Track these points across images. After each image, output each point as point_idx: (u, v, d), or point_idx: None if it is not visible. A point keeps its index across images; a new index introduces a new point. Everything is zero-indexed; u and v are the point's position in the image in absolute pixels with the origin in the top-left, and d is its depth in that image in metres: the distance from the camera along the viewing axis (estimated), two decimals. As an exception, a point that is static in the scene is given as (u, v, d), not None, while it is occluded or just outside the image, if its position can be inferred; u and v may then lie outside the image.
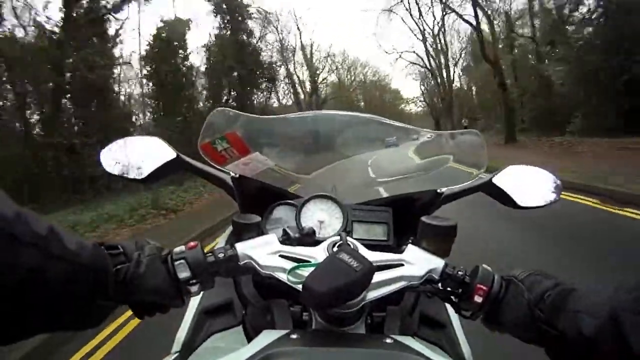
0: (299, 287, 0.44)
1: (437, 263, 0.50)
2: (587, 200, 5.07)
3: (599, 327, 0.36)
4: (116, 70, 14.08)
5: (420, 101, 39.33)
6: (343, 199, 0.73)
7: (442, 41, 29.28)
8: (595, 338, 0.36)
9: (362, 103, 38.03)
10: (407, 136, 0.91)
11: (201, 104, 16.50)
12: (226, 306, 0.67)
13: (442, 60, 30.06)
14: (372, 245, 0.56)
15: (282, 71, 22.59)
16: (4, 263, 0.31)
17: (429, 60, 30.29)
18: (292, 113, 0.81)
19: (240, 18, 17.51)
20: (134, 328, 2.58)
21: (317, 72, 29.15)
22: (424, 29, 28.39)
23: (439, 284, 0.50)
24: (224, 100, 16.58)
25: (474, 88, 32.73)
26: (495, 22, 18.96)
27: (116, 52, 13.49)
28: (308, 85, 28.68)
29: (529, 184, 0.69)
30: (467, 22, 18.80)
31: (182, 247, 0.47)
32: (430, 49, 29.73)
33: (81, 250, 0.38)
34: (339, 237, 0.53)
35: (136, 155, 0.65)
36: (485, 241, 3.70)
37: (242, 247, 0.49)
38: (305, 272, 0.46)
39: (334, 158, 0.95)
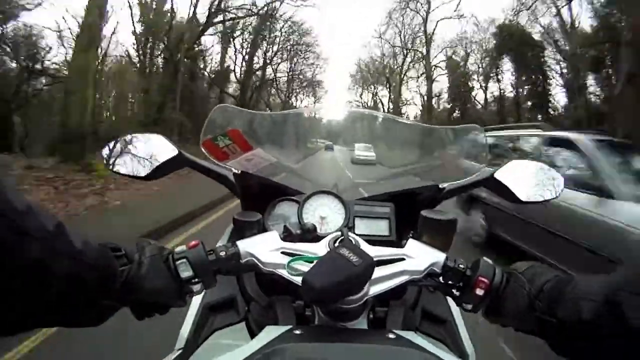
0: (298, 280, 0.44)
1: (438, 257, 0.50)
2: None
3: (597, 310, 0.37)
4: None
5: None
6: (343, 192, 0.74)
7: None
8: (594, 321, 0.37)
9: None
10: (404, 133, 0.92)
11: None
12: (229, 302, 0.67)
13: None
14: (374, 241, 0.56)
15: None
16: (12, 254, 0.32)
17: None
18: (300, 107, 0.82)
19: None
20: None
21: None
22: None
23: (441, 278, 0.50)
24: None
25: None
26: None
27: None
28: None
29: (531, 179, 0.69)
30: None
31: (184, 247, 0.47)
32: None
33: (87, 250, 0.38)
34: (340, 233, 0.53)
35: (138, 152, 0.66)
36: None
37: (243, 245, 0.49)
38: (304, 266, 0.46)
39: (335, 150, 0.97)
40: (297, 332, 0.43)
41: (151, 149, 0.66)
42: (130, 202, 5.10)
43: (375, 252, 0.49)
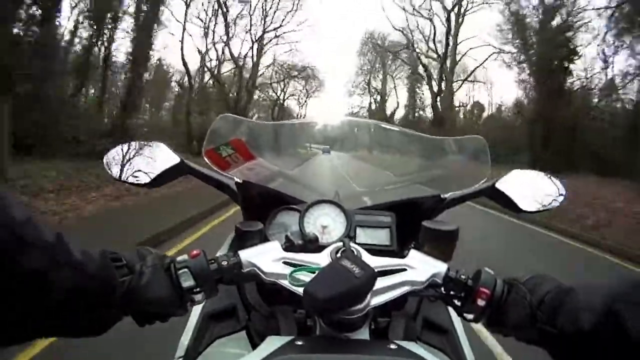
0: (299, 290, 0.44)
1: (440, 267, 0.50)
2: None
3: (597, 320, 0.37)
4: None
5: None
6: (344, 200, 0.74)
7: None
8: (594, 332, 0.37)
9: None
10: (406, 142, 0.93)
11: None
12: (230, 311, 0.67)
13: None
14: (376, 250, 0.56)
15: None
16: (11, 264, 0.32)
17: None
18: (299, 119, 0.83)
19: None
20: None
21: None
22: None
23: (442, 288, 0.50)
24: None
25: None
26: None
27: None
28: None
29: (533, 188, 0.69)
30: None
31: (185, 256, 0.47)
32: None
33: (87, 261, 0.38)
34: (342, 243, 0.54)
35: (140, 160, 0.66)
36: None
37: (245, 255, 0.49)
38: (306, 276, 0.46)
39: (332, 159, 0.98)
40: (299, 343, 0.43)
41: (153, 157, 0.67)
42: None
43: (377, 262, 0.49)
